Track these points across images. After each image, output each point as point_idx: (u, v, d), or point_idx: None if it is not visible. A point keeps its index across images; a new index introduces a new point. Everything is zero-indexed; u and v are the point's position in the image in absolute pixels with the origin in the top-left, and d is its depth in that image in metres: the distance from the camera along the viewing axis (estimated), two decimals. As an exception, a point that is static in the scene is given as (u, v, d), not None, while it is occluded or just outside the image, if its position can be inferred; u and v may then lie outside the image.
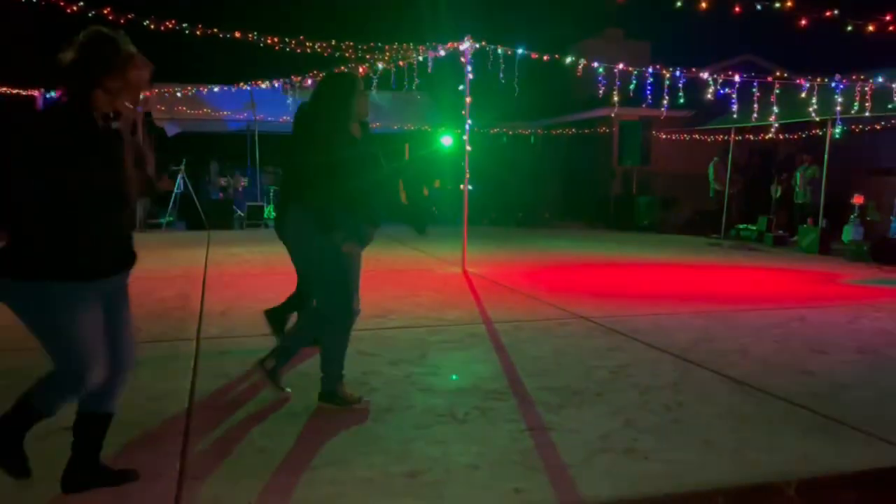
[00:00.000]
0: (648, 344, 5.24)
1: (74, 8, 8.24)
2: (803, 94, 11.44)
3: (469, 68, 8.60)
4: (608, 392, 4.09)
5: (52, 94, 13.78)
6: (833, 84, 11.23)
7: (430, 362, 4.71)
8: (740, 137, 15.34)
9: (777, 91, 11.60)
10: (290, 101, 13.54)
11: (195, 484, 2.82)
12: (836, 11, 8.32)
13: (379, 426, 3.49)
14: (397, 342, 5.20)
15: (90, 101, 2.47)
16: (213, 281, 7.77)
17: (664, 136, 16.85)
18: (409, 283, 7.88)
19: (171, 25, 9.10)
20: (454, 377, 4.39)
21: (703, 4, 8.23)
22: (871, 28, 8.58)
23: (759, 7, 7.98)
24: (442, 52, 9.25)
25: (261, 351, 4.87)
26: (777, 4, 8.08)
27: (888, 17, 8.52)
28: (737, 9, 8.06)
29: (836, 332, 5.74)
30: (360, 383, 4.16)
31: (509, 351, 5.00)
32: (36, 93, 13.81)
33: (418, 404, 3.84)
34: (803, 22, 8.25)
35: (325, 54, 10.61)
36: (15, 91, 13.50)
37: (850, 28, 8.53)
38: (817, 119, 12.40)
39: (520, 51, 9.21)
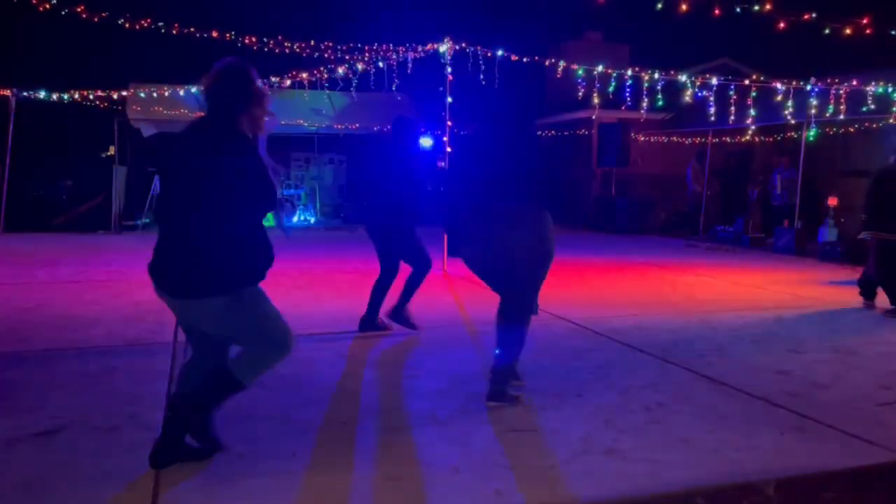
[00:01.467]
0: (627, 344, 5.26)
1: (47, 6, 8.09)
2: (779, 97, 11.59)
3: (449, 69, 8.59)
4: (588, 392, 4.09)
5: (25, 94, 13.54)
6: (808, 87, 11.39)
7: (411, 364, 4.69)
8: (717, 140, 15.50)
9: (753, 94, 11.73)
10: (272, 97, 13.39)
11: (171, 490, 2.77)
12: (813, 15, 8.43)
13: (361, 430, 3.46)
14: (377, 345, 5.17)
15: (238, 127, 2.80)
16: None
17: (643, 139, 16.98)
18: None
19: (146, 24, 8.96)
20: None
21: (683, 7, 8.29)
22: (848, 31, 8.70)
23: (738, 9, 8.06)
24: (422, 53, 9.23)
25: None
26: (756, 7, 8.16)
27: (865, 21, 8.66)
28: (717, 11, 8.13)
29: (813, 333, 5.81)
30: (341, 386, 4.13)
31: (490, 353, 4.98)
32: (7, 92, 13.53)
33: (399, 406, 3.81)
34: (781, 25, 8.34)
35: (304, 54, 10.54)
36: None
37: (827, 31, 8.65)
38: (792, 122, 12.57)
39: (499, 52, 9.22)
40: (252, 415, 3.63)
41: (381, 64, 10.26)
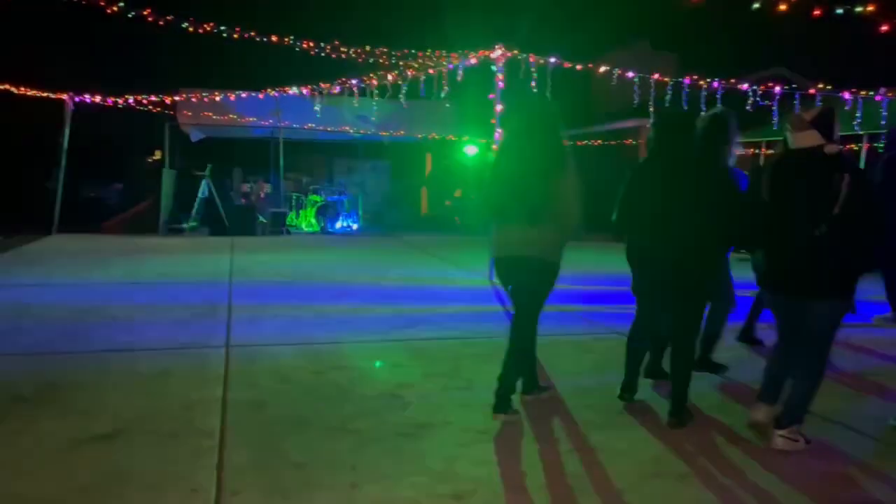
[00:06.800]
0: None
1: (115, 8, 8.24)
2: (846, 107, 11.18)
3: (500, 76, 8.48)
4: (653, 412, 3.92)
5: (80, 98, 13.84)
6: (878, 97, 10.97)
7: (465, 375, 4.57)
8: (771, 151, 15.06)
9: (819, 104, 11.34)
10: (316, 108, 13.43)
11: (232, 499, 2.71)
12: (875, 26, 8.05)
13: (420, 443, 3.36)
14: (429, 354, 5.07)
15: None
16: (239, 287, 7.70)
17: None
18: (435, 292, 7.76)
19: (209, 28, 9.06)
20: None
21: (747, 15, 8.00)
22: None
23: (840, 10, 7.67)
24: (473, 60, 9.15)
25: (288, 359, 4.75)
26: (859, 8, 7.79)
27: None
28: (784, 11, 7.79)
29: (884, 350, 5.53)
30: (394, 396, 4.05)
31: (546, 366, 4.84)
32: (65, 96, 13.87)
33: (456, 420, 3.70)
34: (884, 28, 7.92)
35: (360, 60, 10.54)
36: (45, 94, 13.57)
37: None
38: (861, 132, 12.11)
39: (552, 60, 9.08)
40: (308, 423, 3.56)
41: (431, 71, 10.19)
